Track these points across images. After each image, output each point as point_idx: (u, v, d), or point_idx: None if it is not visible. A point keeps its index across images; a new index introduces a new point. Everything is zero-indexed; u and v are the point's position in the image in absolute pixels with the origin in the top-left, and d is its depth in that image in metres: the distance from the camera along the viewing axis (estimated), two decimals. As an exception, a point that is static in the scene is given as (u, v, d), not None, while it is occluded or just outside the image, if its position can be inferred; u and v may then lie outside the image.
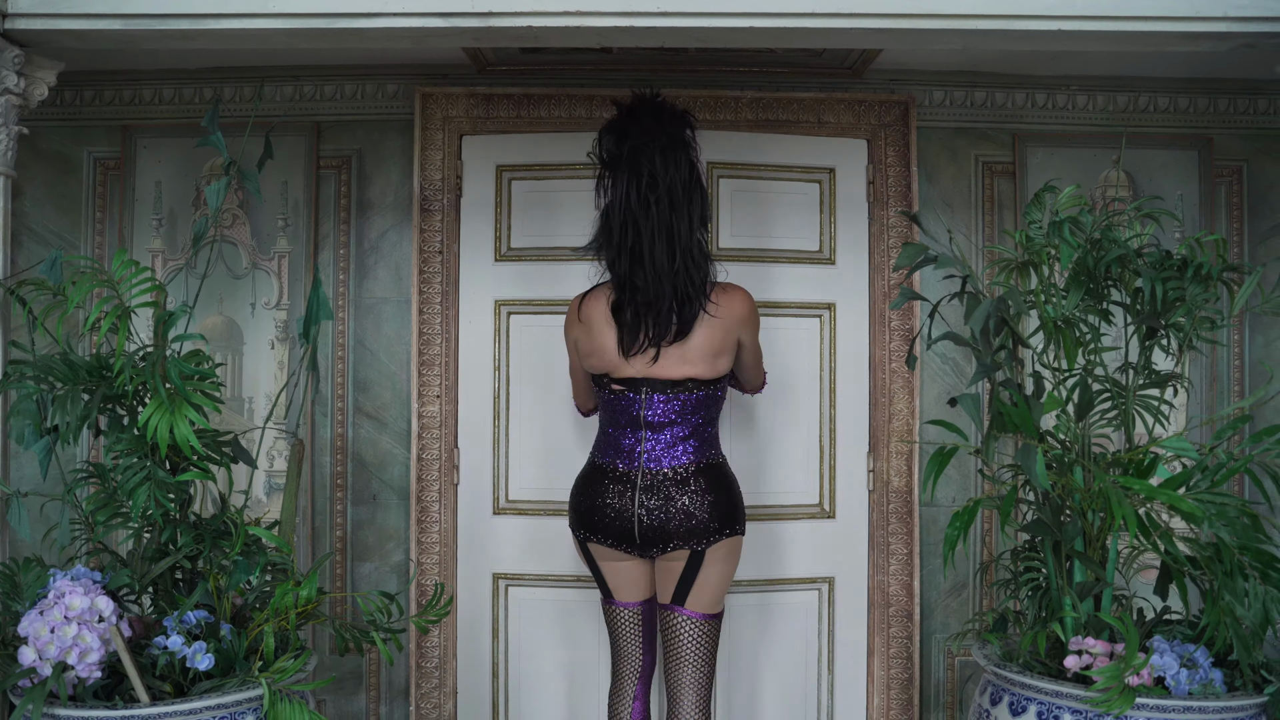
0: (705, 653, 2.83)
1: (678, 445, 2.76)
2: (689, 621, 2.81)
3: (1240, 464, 2.30)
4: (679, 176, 2.70)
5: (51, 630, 2.22)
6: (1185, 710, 2.25)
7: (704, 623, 2.81)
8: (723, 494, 2.80)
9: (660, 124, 2.73)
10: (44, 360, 2.40)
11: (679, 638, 2.82)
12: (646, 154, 2.69)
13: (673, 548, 2.76)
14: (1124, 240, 2.47)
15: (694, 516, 2.73)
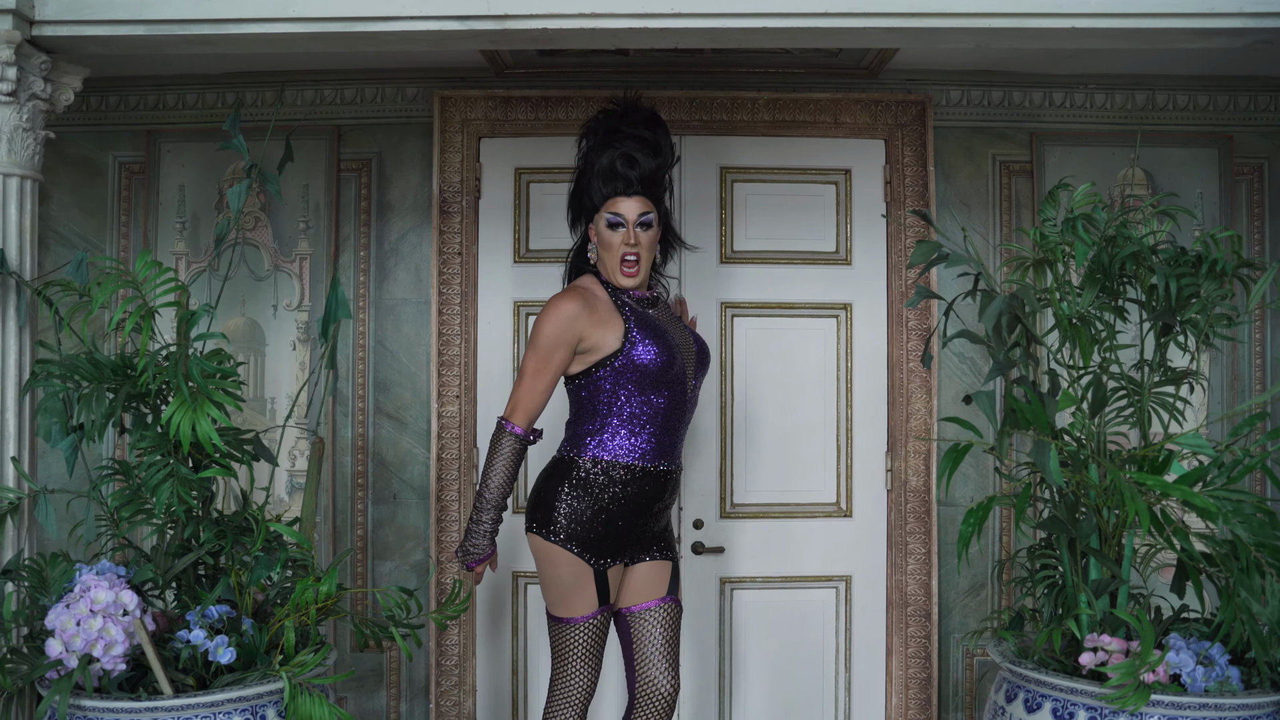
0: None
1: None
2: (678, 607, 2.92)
3: (1257, 461, 2.30)
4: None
5: (78, 623, 2.26)
6: (1201, 708, 2.25)
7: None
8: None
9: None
10: (70, 360, 2.45)
11: (674, 624, 2.89)
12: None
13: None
14: (1139, 237, 2.48)
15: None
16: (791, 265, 3.70)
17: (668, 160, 2.84)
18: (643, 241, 2.78)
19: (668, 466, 2.78)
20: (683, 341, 2.83)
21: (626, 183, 2.76)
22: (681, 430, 2.82)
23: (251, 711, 2.35)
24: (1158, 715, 2.25)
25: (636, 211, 2.78)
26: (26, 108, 2.67)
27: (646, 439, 2.74)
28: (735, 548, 3.67)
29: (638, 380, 2.71)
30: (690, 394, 2.82)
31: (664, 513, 2.87)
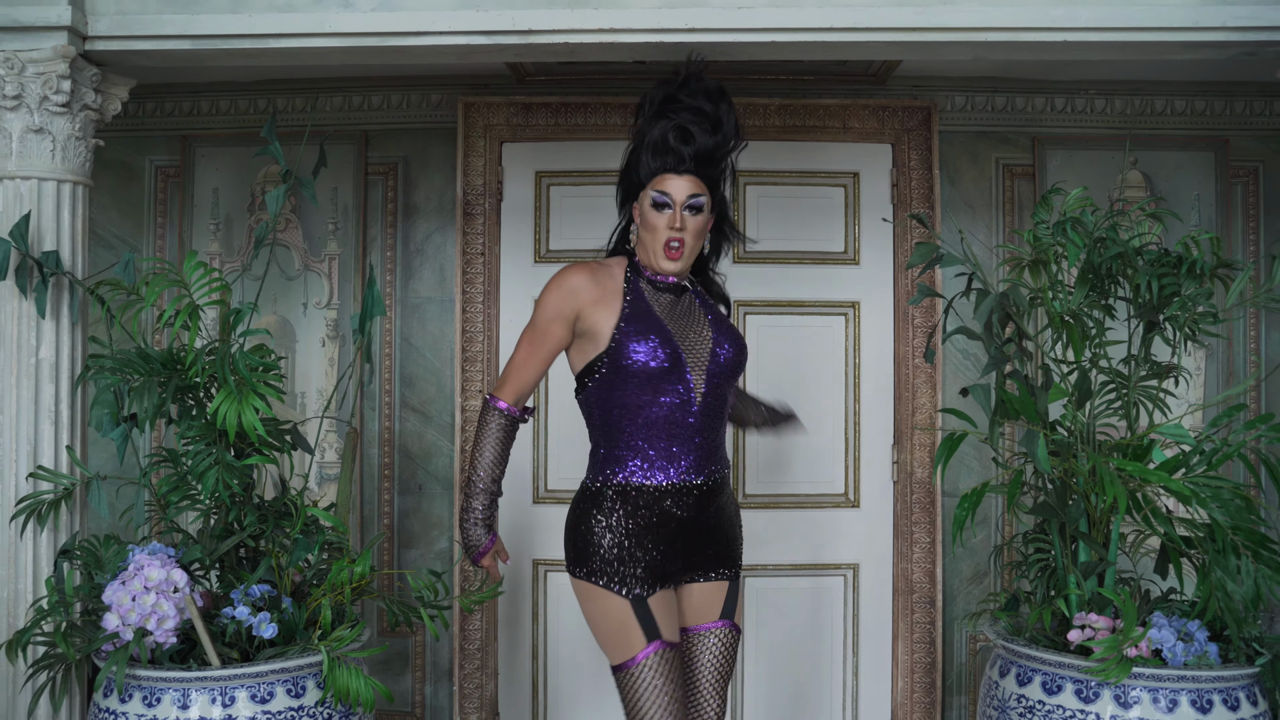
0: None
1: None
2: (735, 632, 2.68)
3: (1234, 449, 2.48)
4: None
5: (133, 599, 2.47)
6: (1179, 680, 2.42)
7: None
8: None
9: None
10: (122, 354, 2.65)
11: (727, 652, 2.65)
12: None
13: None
14: (1127, 239, 2.65)
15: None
16: (801, 265, 3.88)
17: (729, 139, 2.54)
18: (689, 227, 2.50)
19: (697, 480, 2.50)
20: (694, 338, 2.53)
21: (678, 158, 2.49)
22: (709, 438, 2.53)
23: (293, 682, 2.55)
24: (1139, 687, 2.43)
25: (686, 192, 2.49)
26: (79, 118, 2.88)
27: (662, 453, 2.48)
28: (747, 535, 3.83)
29: (637, 382, 2.46)
30: (701, 399, 2.49)
31: (713, 530, 2.58)
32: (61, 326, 2.85)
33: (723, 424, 2.59)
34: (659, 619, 2.47)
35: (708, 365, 2.52)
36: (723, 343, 2.56)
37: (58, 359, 2.85)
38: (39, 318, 2.81)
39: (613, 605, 2.47)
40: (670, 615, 2.52)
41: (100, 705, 2.55)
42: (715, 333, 2.57)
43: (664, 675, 2.44)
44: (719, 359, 2.54)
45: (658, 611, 2.48)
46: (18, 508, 2.72)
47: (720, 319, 2.63)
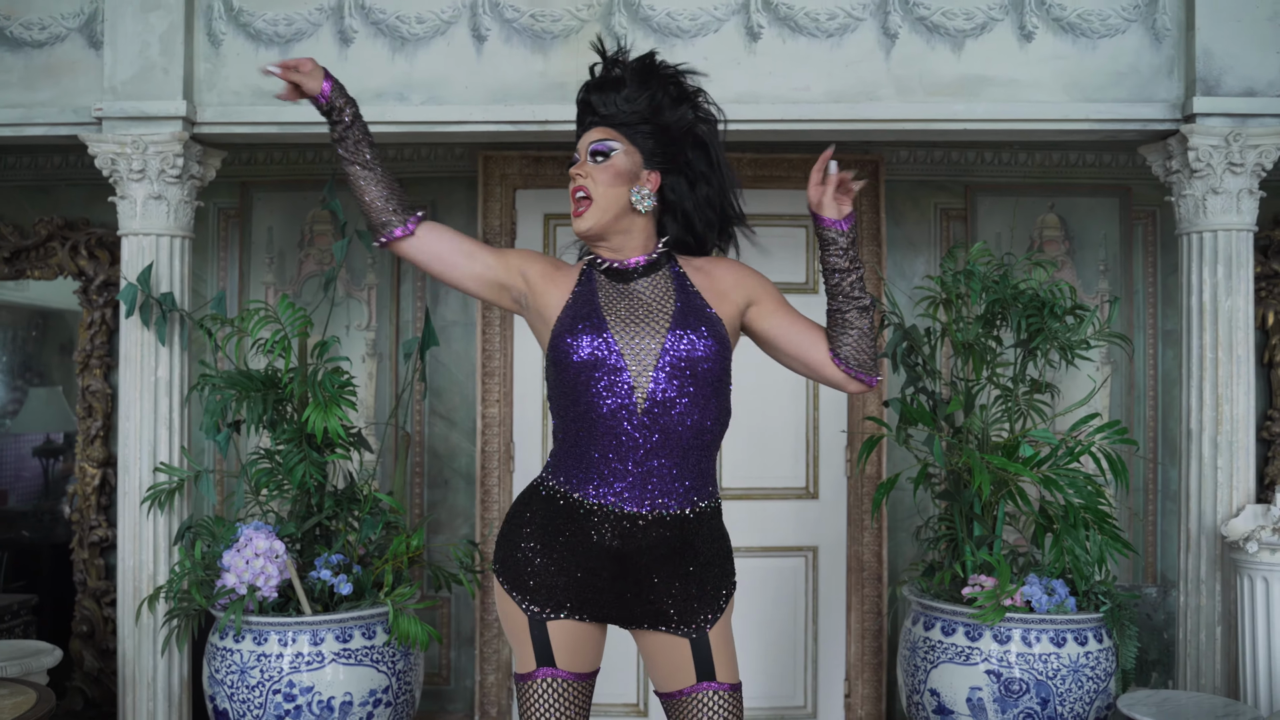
0: None
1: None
2: None
3: (1085, 448, 3.41)
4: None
5: (246, 562, 3.38)
6: (1042, 622, 3.35)
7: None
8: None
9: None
10: (228, 374, 3.57)
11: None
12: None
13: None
14: (1015, 283, 3.58)
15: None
16: (769, 294, 4.80)
17: (650, 90, 2.33)
18: (596, 175, 2.27)
19: (635, 509, 2.20)
20: (642, 329, 2.23)
21: (582, 113, 2.38)
22: (670, 458, 2.20)
23: (366, 628, 3.46)
24: (1012, 628, 3.36)
25: (589, 140, 2.31)
26: (186, 185, 3.79)
27: (595, 465, 2.22)
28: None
29: (569, 376, 2.24)
30: (647, 403, 2.19)
31: (667, 577, 2.26)
32: (174, 352, 3.77)
33: (699, 445, 2.24)
34: (557, 646, 2.27)
35: (655, 362, 2.20)
36: (683, 335, 2.22)
37: (170, 379, 3.76)
38: (158, 345, 3.72)
39: (514, 615, 2.31)
40: (580, 646, 2.31)
41: (217, 645, 3.46)
42: (678, 324, 2.23)
43: (563, 701, 2.27)
44: (671, 353, 2.20)
45: (559, 639, 2.28)
46: (145, 495, 3.65)
47: (696, 308, 2.28)
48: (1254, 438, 3.72)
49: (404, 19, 3.72)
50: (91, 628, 4.83)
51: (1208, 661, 3.67)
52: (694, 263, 2.39)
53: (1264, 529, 3.38)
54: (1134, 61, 3.71)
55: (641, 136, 2.32)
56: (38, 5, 3.78)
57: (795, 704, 4.80)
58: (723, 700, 2.29)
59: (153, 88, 3.70)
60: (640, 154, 2.32)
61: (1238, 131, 3.59)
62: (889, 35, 3.69)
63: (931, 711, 3.48)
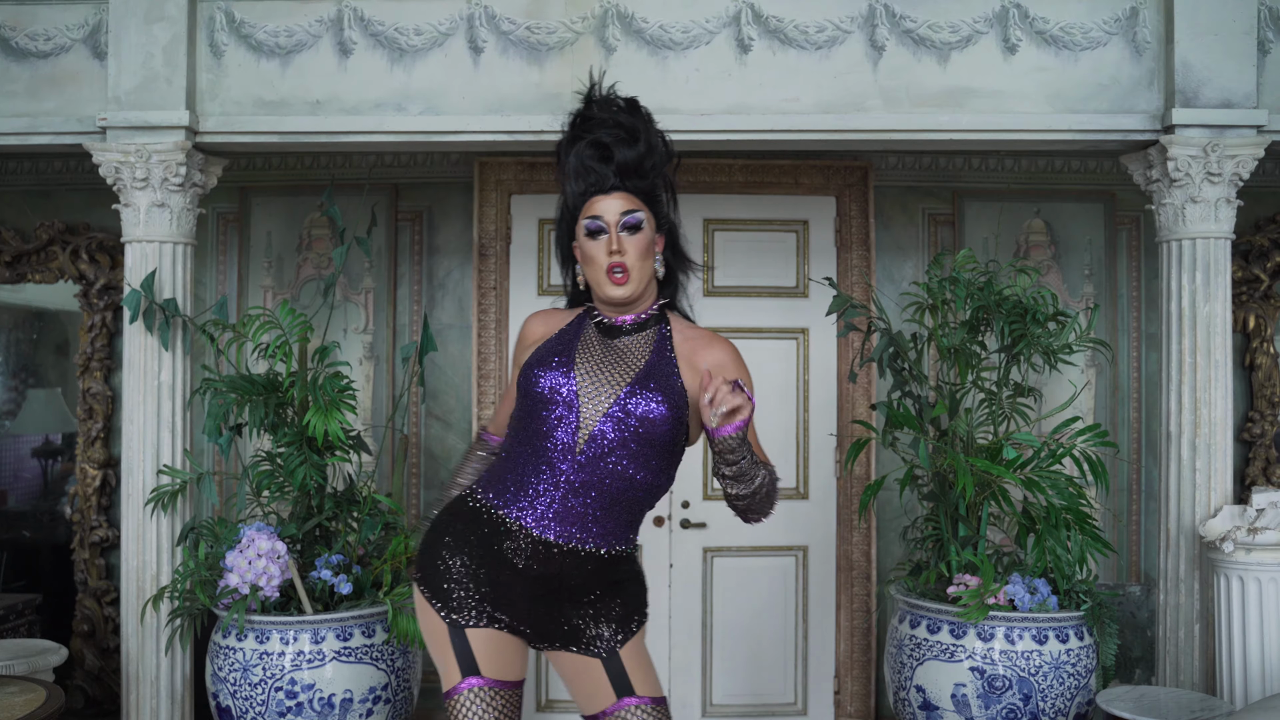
0: None
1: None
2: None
3: (1066, 450, 3.52)
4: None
5: (249, 563, 3.48)
6: (1024, 620, 3.47)
7: None
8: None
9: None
10: (230, 378, 3.67)
11: None
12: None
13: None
14: (999, 290, 3.69)
15: None
16: (760, 298, 4.92)
17: (655, 151, 2.43)
18: (629, 248, 2.35)
19: (548, 536, 2.30)
20: (607, 377, 2.34)
21: (601, 177, 2.37)
22: (596, 506, 2.30)
23: (366, 626, 3.57)
24: (995, 626, 3.47)
25: (618, 210, 2.36)
26: (189, 193, 3.89)
27: (524, 487, 2.32)
28: (715, 523, 4.88)
29: (527, 405, 2.36)
30: (588, 445, 2.29)
31: (571, 603, 2.34)
32: (176, 356, 3.86)
33: (626, 502, 2.34)
34: (479, 654, 2.31)
35: (607, 409, 2.30)
36: (640, 393, 2.31)
37: (174, 383, 3.86)
38: (161, 350, 3.82)
39: (433, 625, 2.36)
40: (502, 654, 2.34)
41: (220, 644, 3.57)
42: (639, 383, 2.33)
43: (492, 709, 2.29)
44: (622, 406, 2.30)
45: (480, 646, 2.32)
46: (149, 496, 3.75)
47: (663, 372, 2.36)
48: (1231, 440, 3.83)
49: (402, 31, 3.82)
50: (92, 627, 4.93)
51: (1186, 658, 3.79)
52: (686, 331, 2.46)
53: (1240, 529, 3.49)
54: (1115, 73, 3.82)
55: (654, 203, 2.42)
56: (43, 16, 3.88)
57: (785, 701, 4.91)
58: (646, 715, 2.33)
59: (156, 98, 3.80)
60: (654, 219, 2.43)
61: (1215, 142, 3.70)
62: (876, 48, 3.80)
63: (917, 707, 3.60)
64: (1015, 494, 3.77)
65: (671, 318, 2.48)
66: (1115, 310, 4.97)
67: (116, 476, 4.98)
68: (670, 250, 2.49)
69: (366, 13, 3.83)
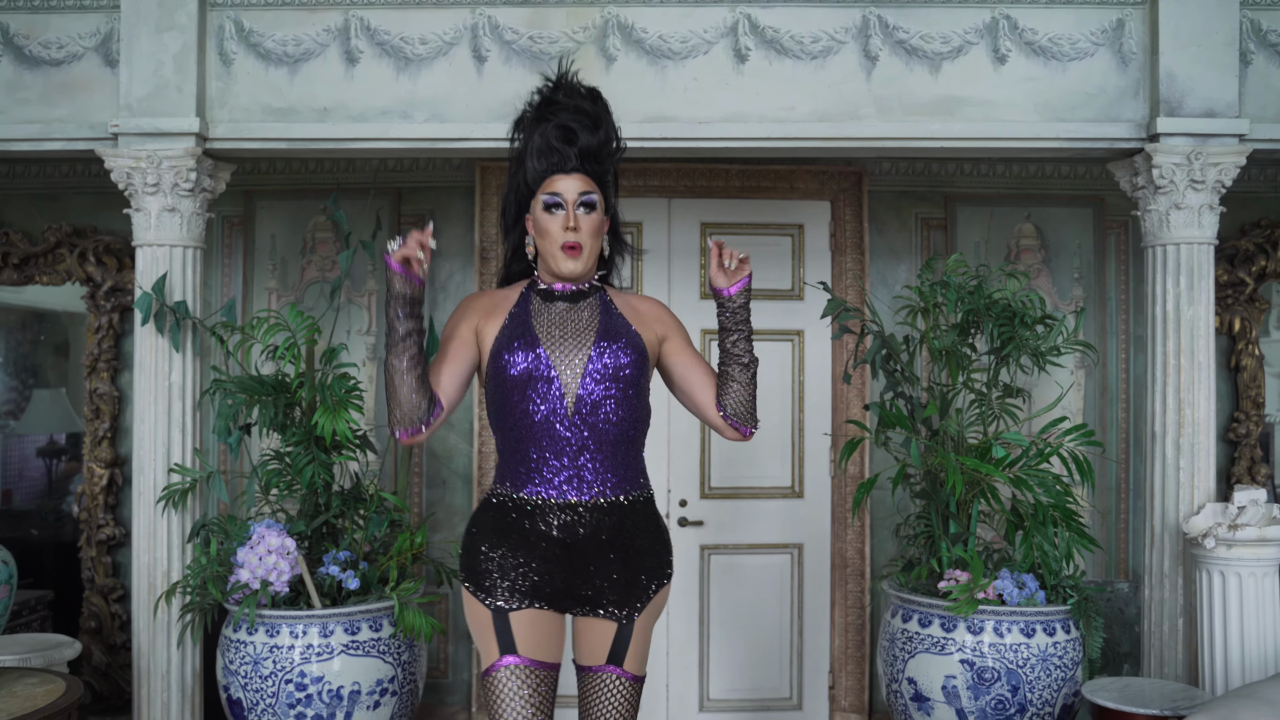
0: None
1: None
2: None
3: (1053, 449, 3.65)
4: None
5: (259, 559, 3.60)
6: (1012, 614, 3.59)
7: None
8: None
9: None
10: (239, 379, 3.78)
11: (613, 702, 2.69)
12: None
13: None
14: (988, 293, 3.82)
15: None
16: (756, 300, 5.00)
17: (611, 140, 2.68)
18: (584, 226, 2.58)
19: (575, 498, 2.53)
20: (572, 343, 2.56)
21: (563, 157, 2.60)
22: (598, 453, 2.54)
23: (373, 620, 3.69)
24: (984, 619, 3.60)
25: (577, 190, 2.58)
26: (199, 198, 4.01)
27: (536, 465, 2.53)
28: (712, 521, 5.01)
29: (507, 388, 2.54)
30: (575, 406, 2.52)
31: (605, 559, 2.57)
32: (186, 357, 3.98)
33: (624, 440, 2.58)
34: (519, 635, 2.51)
35: (583, 370, 2.53)
36: (607, 347, 2.56)
37: (183, 384, 3.98)
38: (171, 351, 3.93)
39: (478, 613, 2.56)
40: (541, 636, 2.54)
41: (231, 638, 3.68)
42: (601, 338, 2.57)
43: (527, 687, 2.49)
44: (594, 362, 2.53)
45: (520, 628, 2.51)
46: (161, 494, 3.86)
47: (618, 327, 2.62)
48: (1214, 440, 3.96)
49: (408, 40, 3.94)
50: (99, 623, 5.04)
51: (1170, 652, 3.92)
52: (621, 295, 2.74)
53: (1221, 526, 3.62)
54: (1102, 83, 3.95)
55: (605, 189, 2.67)
56: (56, 24, 3.99)
57: (781, 695, 5.04)
58: (623, 687, 2.62)
59: (167, 105, 3.92)
60: (605, 202, 2.67)
61: (1199, 150, 3.84)
62: (870, 58, 3.93)
63: (909, 699, 3.72)
64: (1004, 492, 3.90)
65: (607, 288, 2.74)
66: (1104, 313, 5.10)
67: (123, 476, 5.09)
68: (611, 234, 2.73)
69: (373, 22, 3.95)
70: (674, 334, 2.73)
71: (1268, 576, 3.60)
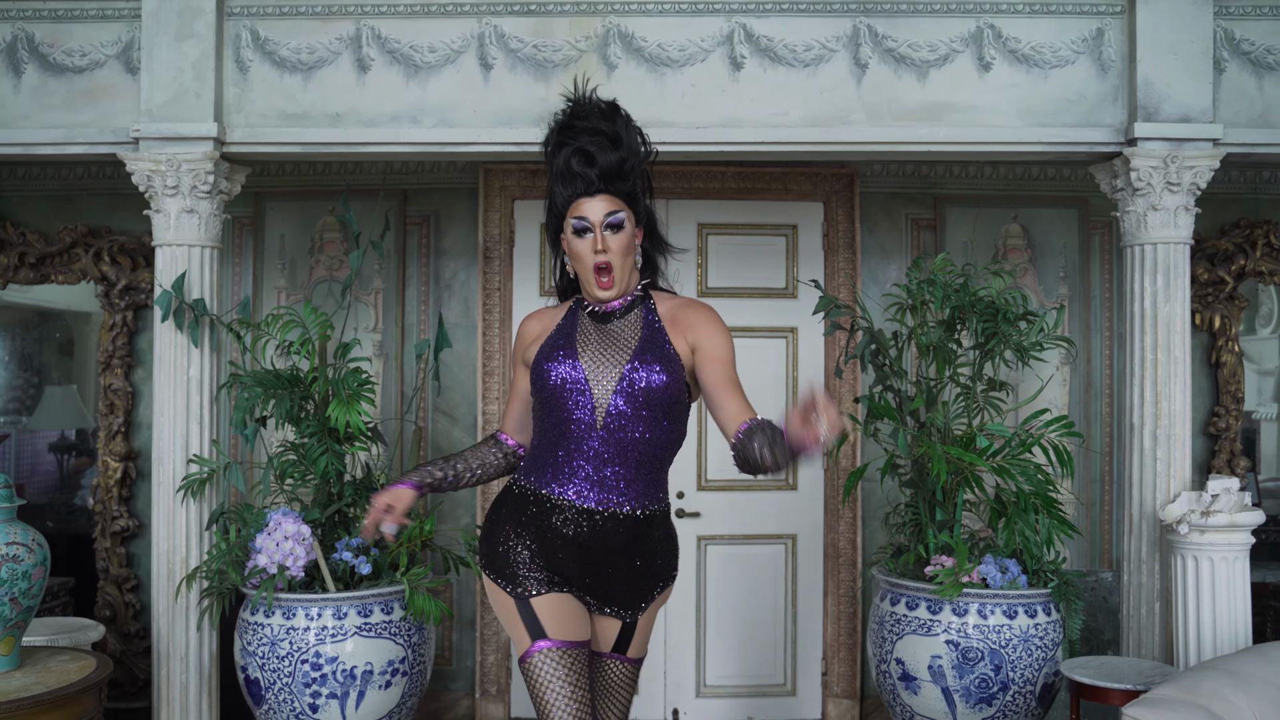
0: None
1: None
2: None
3: (1035, 440, 3.86)
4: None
5: (276, 545, 3.80)
6: (995, 597, 3.80)
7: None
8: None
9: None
10: (256, 374, 3.99)
11: (616, 687, 2.92)
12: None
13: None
14: (974, 291, 4.03)
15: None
16: (752, 298, 5.25)
17: (634, 153, 2.74)
18: (613, 246, 2.66)
19: (589, 505, 2.65)
20: (608, 358, 2.68)
21: (585, 181, 2.67)
22: (621, 468, 2.66)
23: (385, 604, 3.89)
24: (968, 602, 3.81)
25: (601, 211, 2.66)
26: (215, 199, 4.21)
27: (560, 466, 2.67)
28: (708, 513, 5.22)
29: (546, 397, 2.69)
30: (605, 420, 2.64)
31: (612, 567, 2.72)
32: (204, 353, 4.18)
33: (651, 460, 2.68)
34: (545, 619, 2.64)
35: (616, 386, 2.63)
36: (641, 367, 2.63)
37: (201, 378, 4.18)
38: (190, 347, 4.13)
39: (503, 601, 2.71)
40: (567, 617, 2.68)
41: (249, 620, 3.89)
42: (638, 356, 2.65)
43: (563, 667, 2.61)
44: (628, 380, 2.63)
45: (545, 612, 2.64)
46: (180, 484, 4.07)
47: (657, 344, 2.68)
48: (1190, 431, 4.16)
49: (417, 48, 4.15)
50: (114, 612, 5.24)
51: (1148, 634, 4.14)
52: (667, 301, 2.80)
53: (1194, 512, 3.83)
54: (1082, 90, 4.17)
55: (634, 201, 2.74)
56: (79, 34, 4.20)
57: (776, 682, 5.26)
58: (624, 669, 2.85)
59: (186, 110, 4.12)
60: (635, 215, 2.75)
61: (1175, 154, 4.05)
62: (860, 65, 4.14)
63: (897, 679, 3.93)
64: (988, 481, 4.11)
65: (654, 294, 2.82)
66: (1089, 310, 5.32)
67: (137, 469, 5.29)
68: (649, 239, 2.83)
69: (384, 31, 4.16)
70: (704, 343, 2.68)
71: (1238, 561, 3.81)
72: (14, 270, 5.34)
